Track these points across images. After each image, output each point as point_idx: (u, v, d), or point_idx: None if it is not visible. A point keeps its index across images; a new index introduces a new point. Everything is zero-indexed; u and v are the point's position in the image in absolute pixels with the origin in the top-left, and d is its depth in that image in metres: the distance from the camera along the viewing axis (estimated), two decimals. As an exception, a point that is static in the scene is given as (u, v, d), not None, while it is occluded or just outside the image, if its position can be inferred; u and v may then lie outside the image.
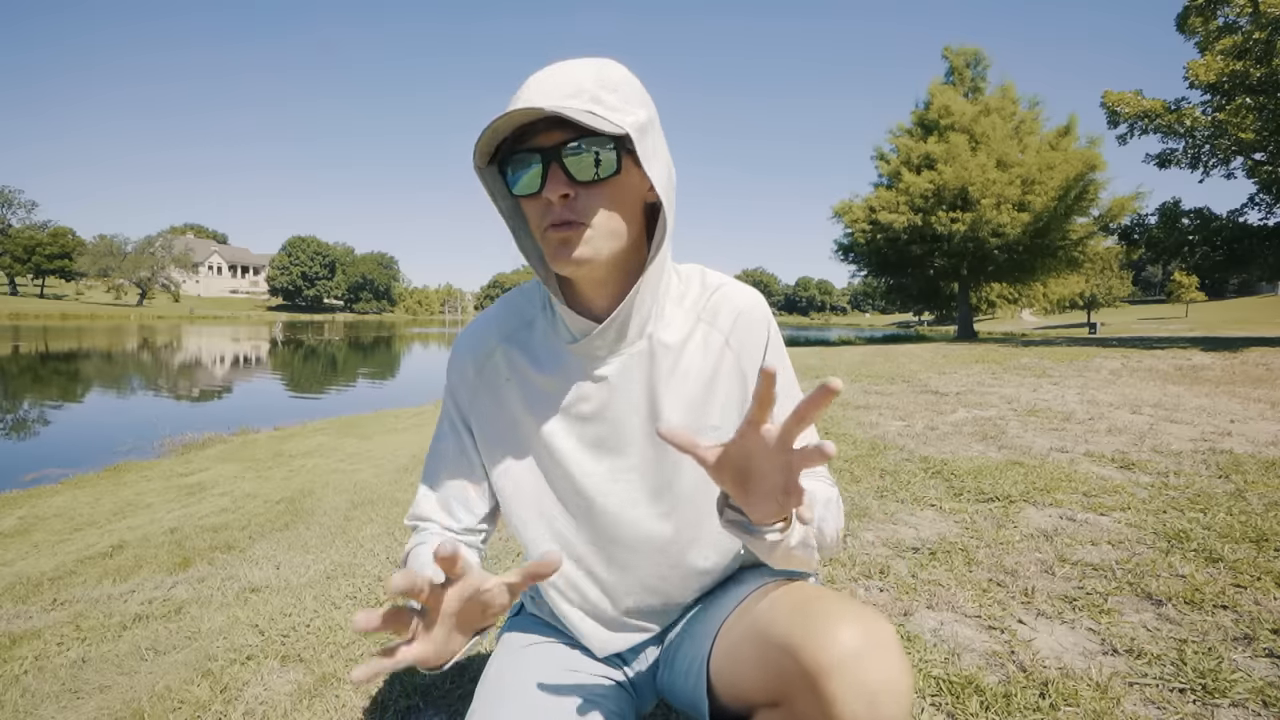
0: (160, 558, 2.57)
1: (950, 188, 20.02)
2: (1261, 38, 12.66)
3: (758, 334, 0.83)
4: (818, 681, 0.60)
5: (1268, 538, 2.01)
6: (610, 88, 0.68)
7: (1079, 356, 9.76)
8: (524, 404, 0.83)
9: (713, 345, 0.82)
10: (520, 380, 0.83)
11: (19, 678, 1.62)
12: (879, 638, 0.61)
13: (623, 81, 0.69)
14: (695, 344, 0.81)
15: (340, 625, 1.74)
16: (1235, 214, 15.78)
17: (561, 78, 0.67)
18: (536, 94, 0.66)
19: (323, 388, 13.37)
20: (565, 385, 0.81)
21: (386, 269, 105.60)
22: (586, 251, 0.70)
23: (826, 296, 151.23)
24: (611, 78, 0.68)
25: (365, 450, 5.05)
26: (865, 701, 0.58)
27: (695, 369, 0.81)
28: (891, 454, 3.43)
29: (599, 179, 0.68)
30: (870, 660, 0.59)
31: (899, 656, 0.60)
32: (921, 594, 1.75)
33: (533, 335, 0.84)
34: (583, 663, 0.90)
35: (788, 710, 0.66)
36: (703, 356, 0.81)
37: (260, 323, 59.72)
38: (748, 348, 0.82)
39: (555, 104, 0.64)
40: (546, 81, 0.67)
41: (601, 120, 0.65)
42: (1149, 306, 66.25)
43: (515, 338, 0.84)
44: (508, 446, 0.84)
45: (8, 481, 5.11)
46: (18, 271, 69.73)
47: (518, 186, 0.69)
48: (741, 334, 0.82)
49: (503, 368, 0.84)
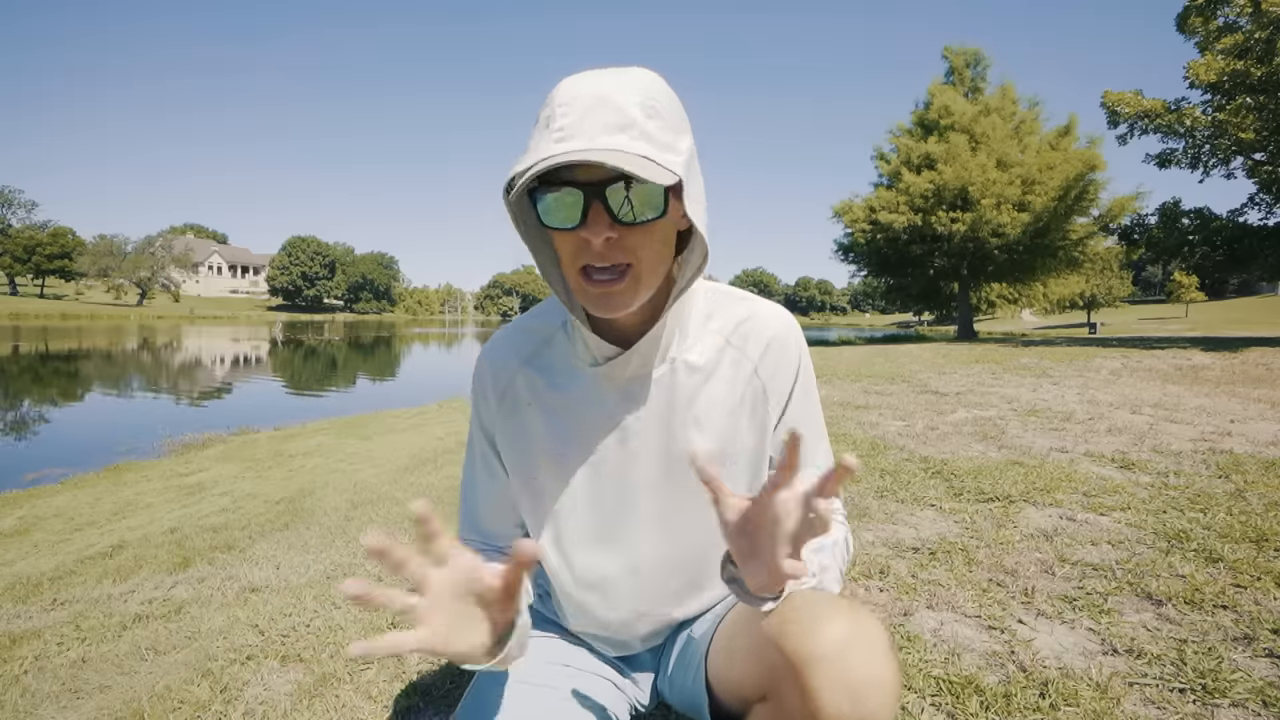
0: (160, 558, 2.57)
1: (950, 188, 20.01)
2: (1262, 37, 12.66)
3: (788, 364, 0.81)
4: (801, 674, 0.59)
5: (1268, 538, 2.01)
6: (656, 113, 0.64)
7: (1079, 356, 9.76)
8: (544, 426, 0.81)
9: (741, 373, 0.80)
10: (541, 404, 0.82)
11: (19, 678, 1.62)
12: (865, 633, 0.60)
13: (667, 104, 0.66)
14: (723, 370, 0.79)
15: (340, 625, 1.74)
16: (1235, 214, 15.79)
17: (608, 106, 0.62)
18: (585, 127, 0.61)
19: (323, 388, 13.38)
20: (584, 407, 0.80)
21: (386, 269, 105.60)
22: (630, 298, 0.68)
23: (826, 296, 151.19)
24: (657, 101, 0.65)
25: (366, 450, 5.05)
26: (848, 696, 0.57)
27: (720, 396, 0.79)
28: (891, 454, 3.43)
29: (645, 221, 0.64)
30: (855, 655, 0.58)
31: (884, 652, 0.59)
32: (921, 594, 1.75)
33: (552, 355, 0.82)
34: (582, 660, 0.90)
35: (776, 704, 0.65)
36: (729, 385, 0.79)
37: (260, 323, 59.73)
38: (777, 379, 0.80)
39: (608, 146, 0.60)
40: (594, 112, 0.62)
41: (657, 169, 0.61)
42: (1149, 306, 66.23)
43: (535, 360, 0.82)
44: (528, 468, 0.83)
45: (8, 481, 5.11)
46: (18, 271, 69.72)
47: (552, 219, 0.65)
48: (771, 364, 0.80)
49: (524, 392, 0.82)
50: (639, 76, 0.66)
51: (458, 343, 35.10)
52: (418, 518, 0.52)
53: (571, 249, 0.66)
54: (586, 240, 0.64)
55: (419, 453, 4.56)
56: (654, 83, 0.67)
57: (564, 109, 0.62)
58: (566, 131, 0.61)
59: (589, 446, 0.80)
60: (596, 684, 0.88)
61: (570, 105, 0.62)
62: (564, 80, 0.66)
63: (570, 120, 0.62)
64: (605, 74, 0.66)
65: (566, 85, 0.65)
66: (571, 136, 0.61)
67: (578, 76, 0.66)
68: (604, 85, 0.64)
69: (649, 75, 0.67)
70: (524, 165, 0.62)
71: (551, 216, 0.65)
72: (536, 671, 0.85)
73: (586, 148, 0.60)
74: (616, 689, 0.89)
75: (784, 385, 0.81)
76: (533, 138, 0.65)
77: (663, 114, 0.65)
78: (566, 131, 0.61)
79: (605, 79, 0.65)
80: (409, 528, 2.62)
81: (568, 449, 0.81)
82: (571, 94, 0.63)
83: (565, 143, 0.61)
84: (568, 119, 0.62)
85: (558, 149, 0.61)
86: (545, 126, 0.63)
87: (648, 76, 0.67)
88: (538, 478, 0.83)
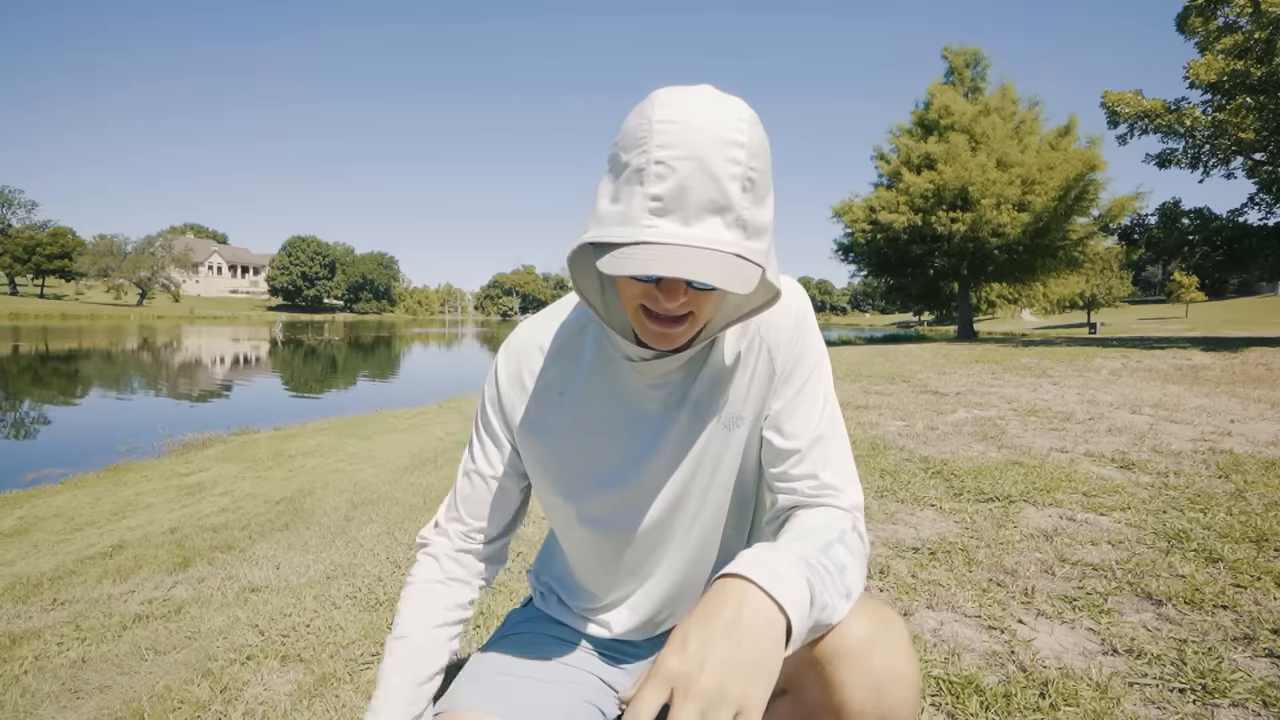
0: (160, 558, 2.57)
1: (950, 188, 20.01)
2: (1262, 37, 12.67)
3: (786, 324, 0.78)
4: (825, 668, 0.60)
5: (1268, 538, 2.01)
6: (753, 183, 0.59)
7: (1079, 356, 9.76)
8: (573, 417, 0.81)
9: (753, 344, 0.79)
10: (572, 393, 0.81)
11: (19, 678, 1.62)
12: (887, 627, 0.61)
13: (762, 168, 0.60)
14: (743, 346, 0.79)
15: (340, 625, 1.74)
16: (1235, 214, 15.79)
17: (708, 176, 0.57)
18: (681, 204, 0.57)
19: (323, 388, 13.38)
20: (616, 398, 0.80)
21: (386, 269, 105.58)
22: (685, 337, 0.67)
23: (826, 296, 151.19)
24: (754, 169, 0.59)
25: (366, 450, 5.05)
26: (872, 688, 0.58)
27: (738, 372, 0.79)
28: (891, 454, 3.43)
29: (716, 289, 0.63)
30: (878, 649, 0.59)
31: (906, 646, 0.61)
32: (921, 594, 1.75)
33: (585, 347, 0.81)
34: (578, 658, 0.90)
35: (796, 698, 0.66)
36: (745, 357, 0.79)
37: (260, 323, 59.72)
38: (781, 343, 0.78)
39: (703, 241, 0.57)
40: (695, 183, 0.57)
41: (742, 274, 0.57)
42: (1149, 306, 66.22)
43: (567, 350, 0.82)
44: (551, 459, 0.83)
45: (8, 481, 5.11)
46: (18, 271, 69.71)
47: (622, 270, 0.58)
48: (774, 328, 0.79)
49: (555, 380, 0.82)
50: (741, 130, 0.58)
51: (458, 343, 35.10)
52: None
53: (638, 294, 0.64)
54: (658, 297, 0.63)
55: (419, 453, 4.56)
56: (756, 141, 0.59)
57: (661, 168, 0.57)
58: (665, 203, 0.57)
59: (616, 436, 0.80)
60: (591, 682, 0.88)
61: (669, 164, 0.57)
62: (658, 111, 0.58)
63: (669, 188, 0.57)
64: (707, 115, 0.58)
65: (665, 128, 0.57)
66: (670, 210, 0.57)
67: (677, 111, 0.58)
68: (707, 142, 0.57)
69: (751, 126, 0.59)
70: (615, 237, 0.58)
71: (622, 267, 0.58)
72: (530, 666, 0.85)
73: (683, 240, 0.57)
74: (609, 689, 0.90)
75: (785, 345, 0.79)
76: (621, 186, 0.60)
77: (758, 182, 0.59)
78: (665, 203, 0.57)
79: (707, 129, 0.57)
80: (407, 527, 2.62)
81: (596, 438, 0.81)
82: (671, 145, 0.57)
83: (662, 218, 0.57)
84: (666, 185, 0.57)
85: (652, 228, 0.57)
86: (639, 182, 0.58)
87: (749, 130, 0.59)
88: (562, 463, 0.83)
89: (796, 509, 0.74)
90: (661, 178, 0.57)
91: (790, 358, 0.77)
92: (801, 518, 0.72)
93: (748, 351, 0.78)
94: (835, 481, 0.74)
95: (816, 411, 0.77)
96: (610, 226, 0.59)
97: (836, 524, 0.69)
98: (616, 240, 0.58)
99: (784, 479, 0.76)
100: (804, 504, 0.74)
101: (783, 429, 0.76)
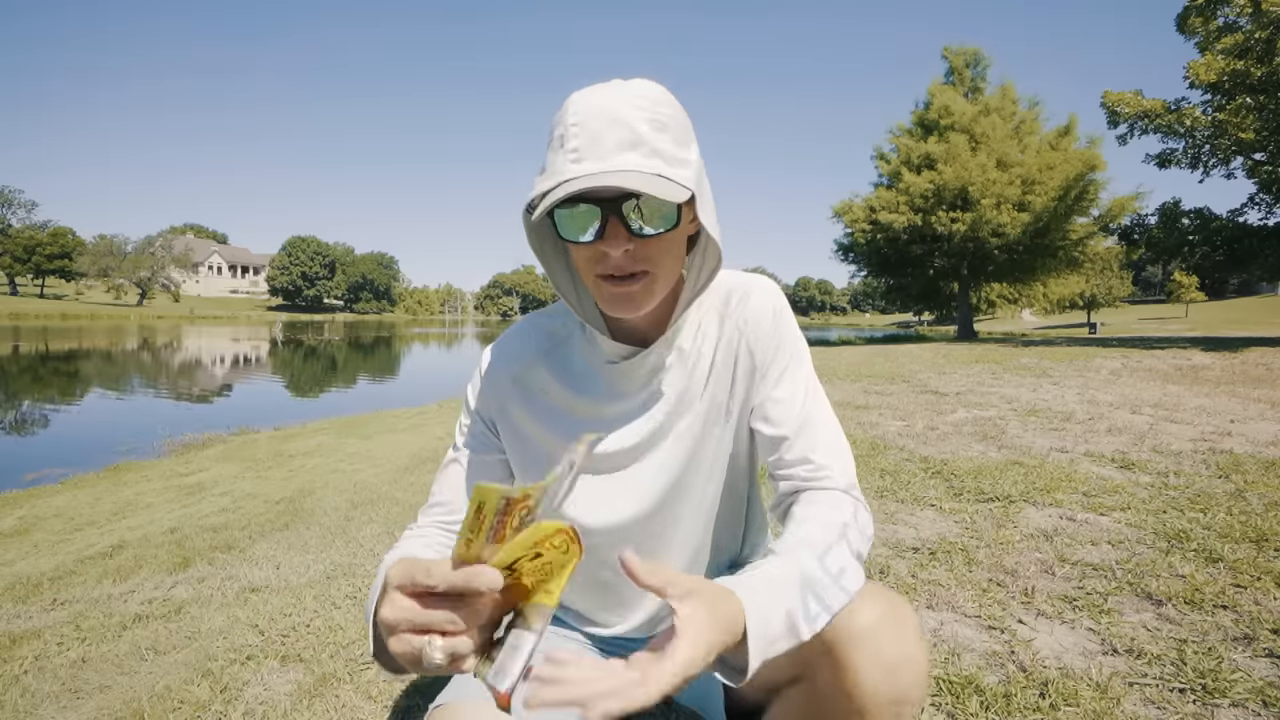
0: (160, 558, 2.57)
1: (950, 188, 20.02)
2: (1262, 37, 12.67)
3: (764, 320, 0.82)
4: (838, 652, 0.62)
5: (1268, 538, 2.01)
6: (664, 127, 0.66)
7: (1079, 356, 9.76)
8: (554, 420, 0.83)
9: (732, 342, 0.82)
10: (556, 396, 0.83)
11: (19, 678, 1.62)
12: (898, 613, 0.64)
13: (671, 115, 0.68)
14: (722, 343, 0.82)
15: (340, 625, 1.74)
16: (1235, 214, 15.80)
17: (618, 124, 0.65)
18: (598, 146, 0.64)
19: (323, 388, 13.38)
20: (599, 403, 0.82)
21: (386, 269, 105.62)
22: (645, 301, 0.71)
23: (826, 296, 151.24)
24: (662, 114, 0.67)
25: (366, 450, 5.05)
26: (884, 671, 0.60)
27: (720, 370, 0.82)
28: (891, 454, 3.43)
29: (659, 233, 0.67)
30: (890, 633, 0.62)
31: (917, 632, 0.64)
32: (921, 594, 1.75)
33: (571, 352, 0.84)
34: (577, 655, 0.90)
35: (809, 684, 0.68)
36: (725, 354, 0.82)
37: (260, 323, 59.74)
38: (760, 336, 0.82)
39: (622, 166, 0.63)
40: (606, 131, 0.64)
41: (670, 186, 0.64)
42: (1149, 306, 66.22)
43: (554, 354, 0.85)
44: (532, 460, 0.84)
45: (8, 481, 5.11)
46: (18, 271, 69.73)
47: (569, 231, 0.67)
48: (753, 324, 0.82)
49: (538, 382, 0.84)
50: (644, 89, 0.68)
51: (458, 343, 35.10)
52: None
53: (589, 259, 0.69)
54: (605, 253, 0.67)
55: (419, 452, 4.56)
56: (660, 95, 0.68)
57: (576, 129, 0.65)
58: (581, 151, 0.64)
59: (602, 438, 0.81)
60: None
61: (582, 125, 0.65)
62: (572, 96, 0.68)
63: (583, 140, 0.64)
64: (611, 89, 0.67)
65: (576, 103, 0.66)
66: (586, 156, 0.64)
67: (585, 93, 0.67)
68: (612, 101, 0.65)
69: (654, 87, 0.69)
70: (545, 188, 0.65)
71: (570, 230, 0.67)
72: None
73: (602, 169, 0.63)
74: None
75: (760, 335, 0.82)
76: (549, 156, 0.67)
77: (670, 127, 0.67)
78: (581, 151, 0.64)
79: (612, 94, 0.66)
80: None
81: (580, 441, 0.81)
82: (581, 112, 0.65)
83: (581, 163, 0.64)
84: (580, 139, 0.64)
85: (575, 170, 0.63)
86: (560, 146, 0.66)
87: (652, 89, 0.69)
88: (544, 467, 0.83)
89: (798, 493, 0.77)
90: (577, 135, 0.64)
91: (769, 349, 0.81)
92: (803, 509, 0.73)
93: (728, 348, 0.81)
94: (827, 461, 0.77)
95: (800, 396, 0.80)
96: (540, 185, 0.66)
97: (838, 518, 0.69)
98: (544, 190, 0.65)
99: (780, 465, 0.79)
100: (803, 487, 0.77)
101: (769, 417, 0.80)
